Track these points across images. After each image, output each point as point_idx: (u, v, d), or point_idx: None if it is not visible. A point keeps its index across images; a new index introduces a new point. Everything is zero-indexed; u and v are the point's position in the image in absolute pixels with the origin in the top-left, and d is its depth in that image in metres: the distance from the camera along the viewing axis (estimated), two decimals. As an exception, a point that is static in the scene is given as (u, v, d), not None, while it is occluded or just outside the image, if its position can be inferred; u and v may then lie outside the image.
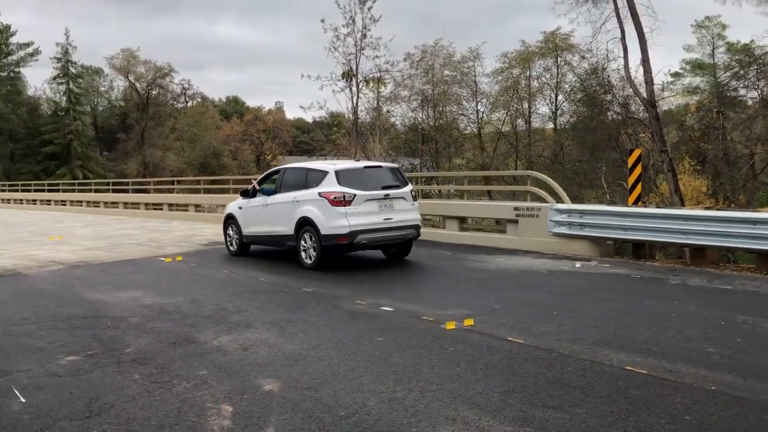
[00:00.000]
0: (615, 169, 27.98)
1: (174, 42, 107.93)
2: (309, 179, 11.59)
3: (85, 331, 7.19)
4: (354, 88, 31.45)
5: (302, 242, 11.31)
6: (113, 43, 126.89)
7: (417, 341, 6.40)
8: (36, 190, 40.33)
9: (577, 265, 10.98)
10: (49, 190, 38.99)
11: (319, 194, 11.00)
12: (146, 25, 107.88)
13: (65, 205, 34.58)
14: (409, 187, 11.64)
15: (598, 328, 6.80)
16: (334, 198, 10.76)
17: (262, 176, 13.66)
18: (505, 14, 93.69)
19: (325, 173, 11.26)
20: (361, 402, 4.79)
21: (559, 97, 38.33)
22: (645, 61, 22.40)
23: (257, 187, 13.01)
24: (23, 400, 5.05)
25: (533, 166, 32.77)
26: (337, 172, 11.08)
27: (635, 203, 12.88)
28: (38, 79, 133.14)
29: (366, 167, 11.72)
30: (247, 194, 13.23)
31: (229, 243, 13.66)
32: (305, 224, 11.19)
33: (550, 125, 39.92)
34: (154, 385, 5.32)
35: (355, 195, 10.78)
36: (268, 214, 12.30)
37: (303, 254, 11.32)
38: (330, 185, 10.97)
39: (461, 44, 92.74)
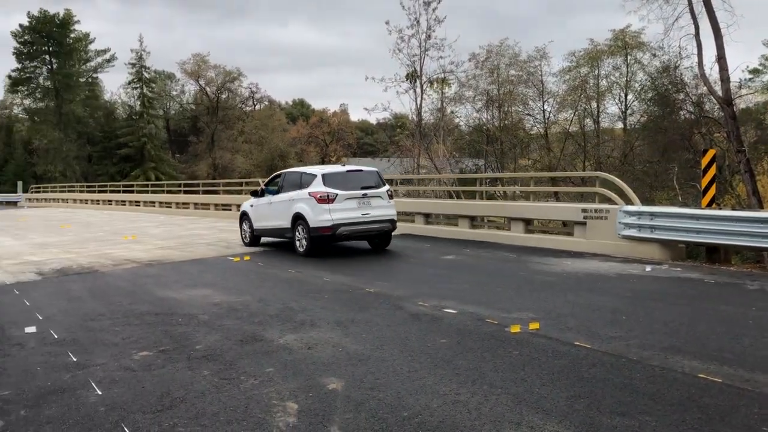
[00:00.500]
0: (687, 170, 26.99)
1: (240, 46, 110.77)
2: (302, 181, 13.57)
3: (157, 328, 7.44)
4: (418, 89, 31.54)
5: (297, 234, 13.33)
6: (184, 47, 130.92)
7: (481, 344, 6.34)
8: (111, 191, 41.75)
9: (648, 268, 10.66)
10: (124, 191, 40.34)
11: (309, 194, 13.00)
12: (215, 30, 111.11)
13: (138, 205, 35.75)
14: (385, 188, 13.54)
15: (669, 334, 6.58)
16: (320, 197, 12.77)
17: (268, 179, 15.64)
18: (572, 12, 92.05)
19: (314, 176, 13.29)
20: (425, 403, 4.78)
21: (629, 97, 37.24)
22: (721, 58, 21.51)
23: (264, 188, 15.06)
24: (99, 393, 5.27)
25: (602, 167, 31.92)
26: (323, 175, 13.12)
27: (709, 205, 12.42)
28: (114, 84, 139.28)
29: (348, 171, 13.69)
30: (256, 194, 15.31)
31: (243, 236, 15.75)
32: (298, 219, 13.19)
33: (620, 125, 38.83)
34: (222, 381, 5.46)
35: (337, 194, 12.75)
36: (272, 211, 14.33)
37: (297, 243, 13.34)
38: (317, 186, 12.97)
39: (526, 43, 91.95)
